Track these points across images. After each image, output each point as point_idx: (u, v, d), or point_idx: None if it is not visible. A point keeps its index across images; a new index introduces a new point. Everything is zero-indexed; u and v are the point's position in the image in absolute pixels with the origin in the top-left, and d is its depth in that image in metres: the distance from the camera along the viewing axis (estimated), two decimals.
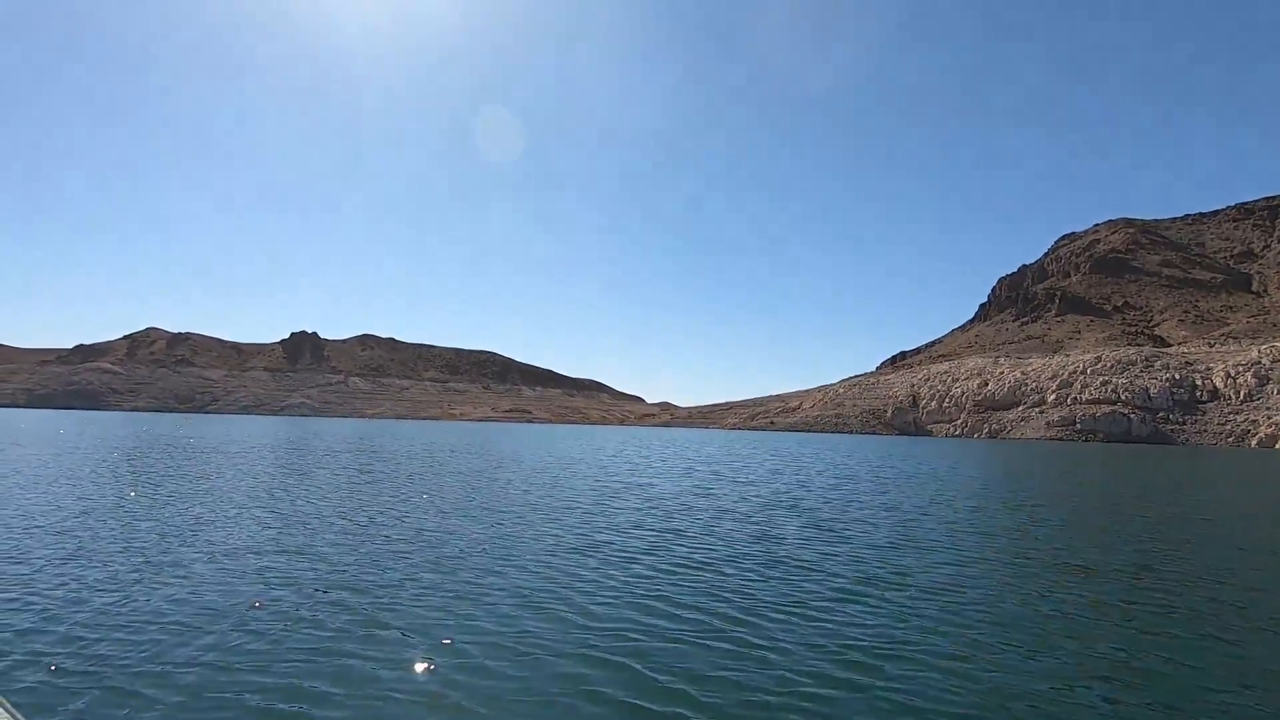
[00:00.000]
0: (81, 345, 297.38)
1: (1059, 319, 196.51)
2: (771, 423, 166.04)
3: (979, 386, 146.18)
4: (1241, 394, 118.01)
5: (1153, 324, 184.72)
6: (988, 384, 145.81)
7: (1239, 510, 21.90)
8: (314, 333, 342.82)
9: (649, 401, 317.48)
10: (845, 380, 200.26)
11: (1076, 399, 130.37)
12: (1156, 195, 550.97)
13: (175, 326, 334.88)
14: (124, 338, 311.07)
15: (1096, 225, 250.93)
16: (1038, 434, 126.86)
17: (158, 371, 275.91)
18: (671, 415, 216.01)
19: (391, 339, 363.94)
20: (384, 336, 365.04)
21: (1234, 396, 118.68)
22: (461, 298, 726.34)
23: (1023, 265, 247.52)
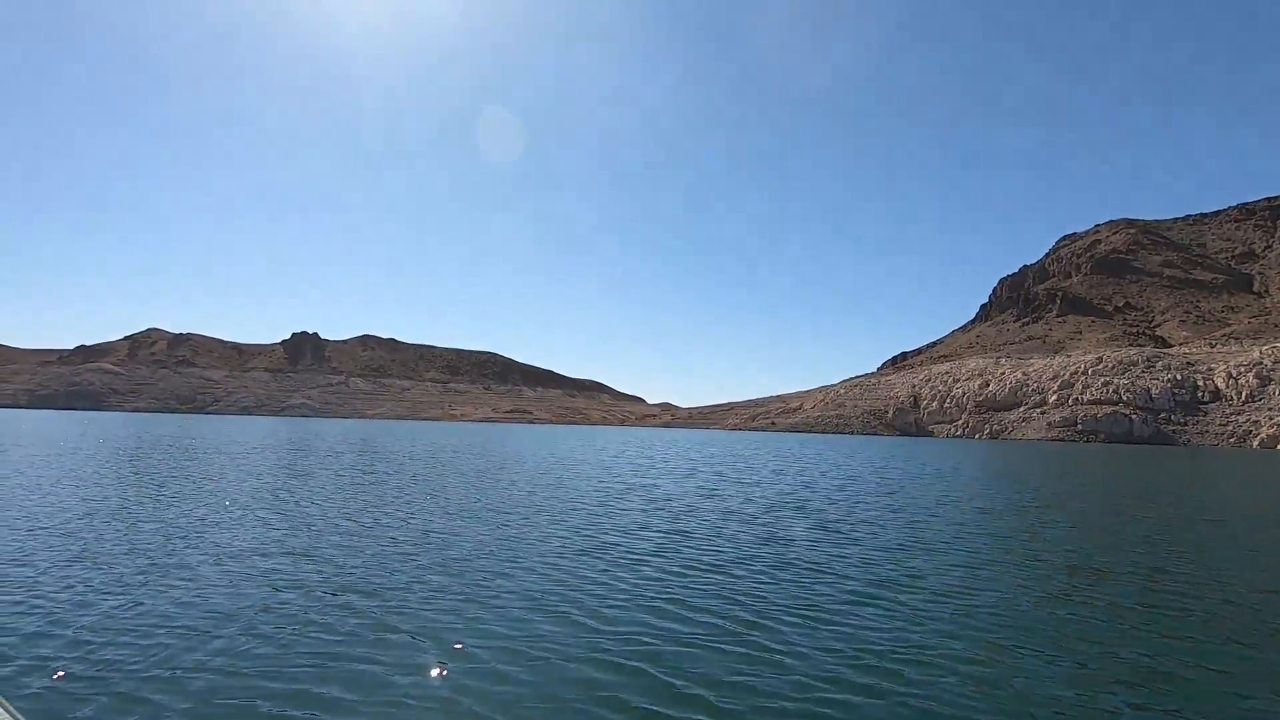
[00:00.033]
0: (83, 346, 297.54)
1: (1060, 319, 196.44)
2: (772, 423, 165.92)
3: (980, 387, 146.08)
4: (1243, 395, 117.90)
5: (1154, 324, 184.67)
6: (989, 385, 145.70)
7: (1244, 511, 21.78)
8: (315, 333, 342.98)
9: (650, 402, 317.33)
10: (846, 381, 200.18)
11: (1078, 400, 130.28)
12: (1157, 196, 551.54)
13: (176, 327, 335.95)
14: (125, 338, 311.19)
15: (1097, 225, 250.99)
16: (1039, 435, 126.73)
17: (159, 372, 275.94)
18: (672, 416, 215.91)
19: (392, 339, 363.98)
20: (385, 337, 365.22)
21: (1235, 397, 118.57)
22: (462, 298, 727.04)
23: (1024, 266, 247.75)
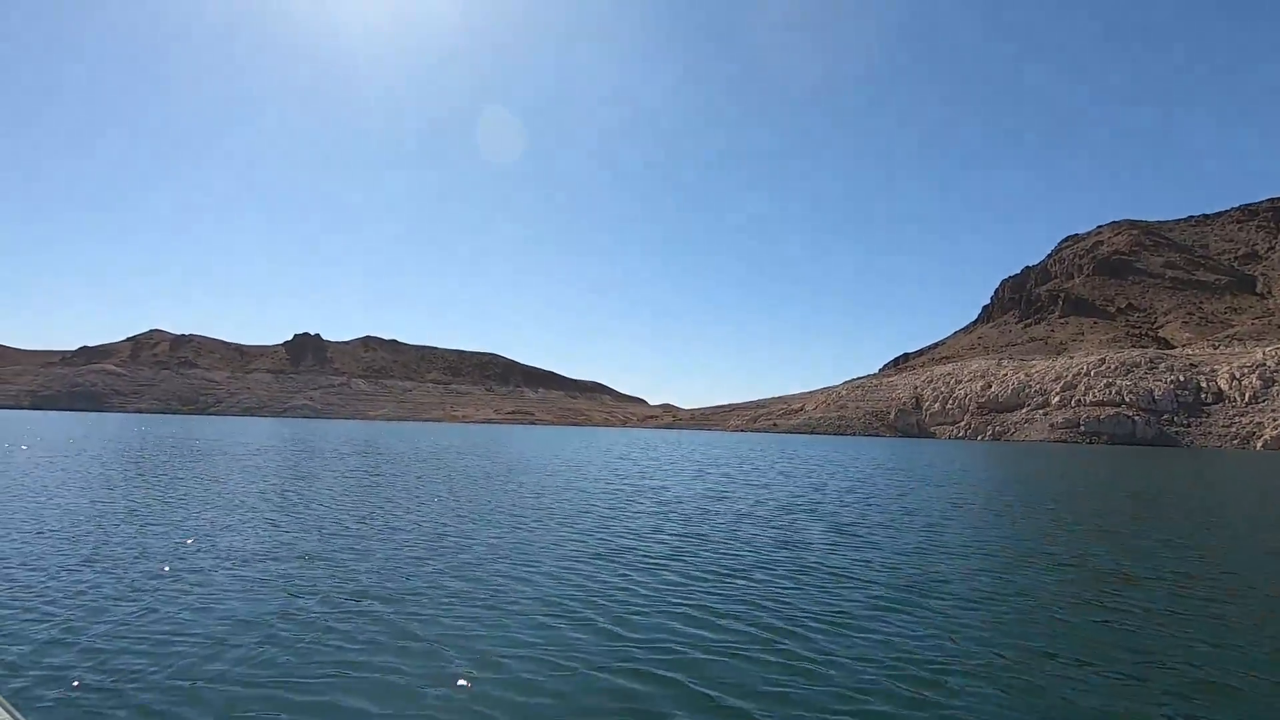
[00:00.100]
0: (85, 347, 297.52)
1: (1062, 321, 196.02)
2: (774, 424, 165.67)
3: (982, 388, 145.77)
4: (1246, 396, 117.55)
5: (1156, 326, 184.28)
6: (991, 386, 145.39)
7: (1257, 514, 21.59)
8: (317, 334, 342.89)
9: (651, 403, 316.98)
10: (848, 382, 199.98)
11: (1080, 401, 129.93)
12: (1160, 196, 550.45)
13: (178, 328, 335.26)
14: (127, 339, 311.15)
15: (1100, 227, 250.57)
16: (1041, 436, 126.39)
17: (161, 373, 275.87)
18: (674, 417, 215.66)
19: (394, 340, 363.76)
20: (386, 338, 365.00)
21: (1239, 398, 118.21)
22: (464, 299, 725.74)
23: (1026, 267, 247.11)
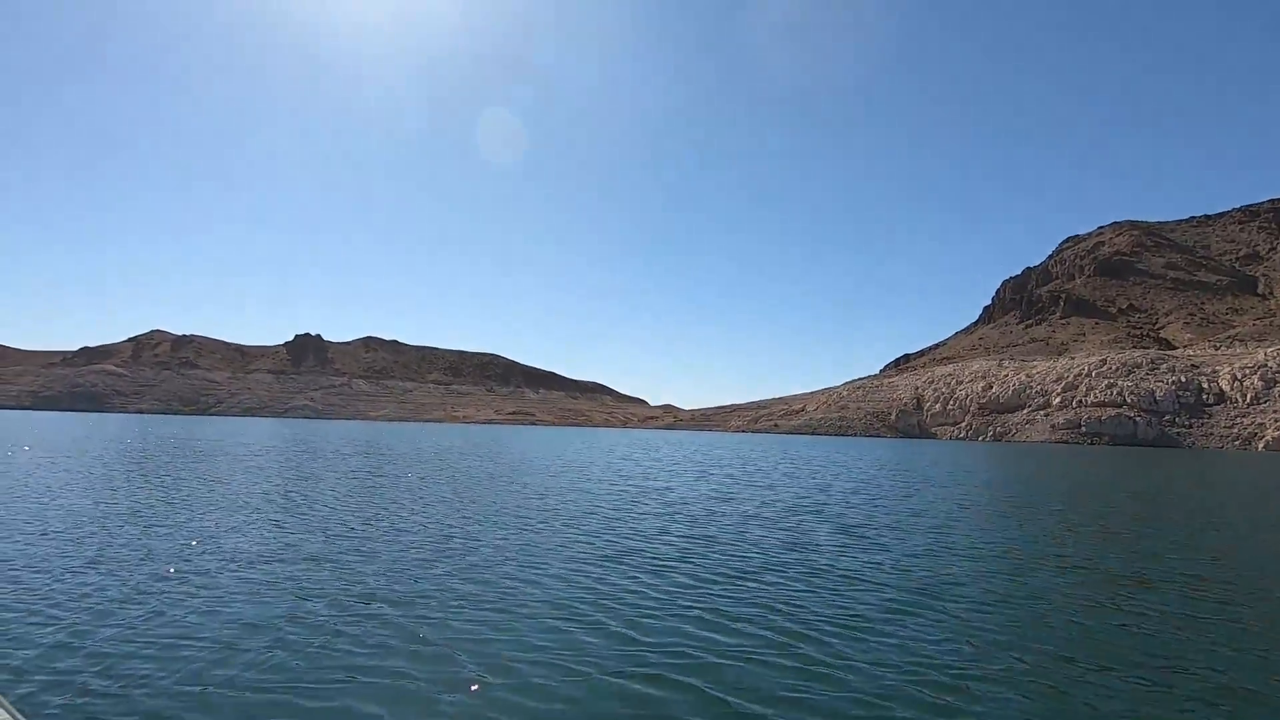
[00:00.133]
0: (86, 347, 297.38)
1: (1063, 321, 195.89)
2: (775, 425, 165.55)
3: (983, 389, 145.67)
4: (1248, 397, 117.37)
5: (1158, 326, 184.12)
6: (992, 387, 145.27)
7: (1263, 515, 21.47)
8: (317, 335, 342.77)
9: (652, 404, 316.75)
10: (849, 383, 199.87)
11: (1082, 402, 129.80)
12: (1161, 197, 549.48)
13: (179, 329, 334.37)
14: (129, 340, 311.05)
15: (1101, 227, 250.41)
16: (1042, 437, 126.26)
17: (162, 374, 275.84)
18: (675, 418, 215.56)
19: (395, 341, 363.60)
20: (387, 339, 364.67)
21: (1240, 399, 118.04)
22: (465, 300, 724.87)
23: (1027, 268, 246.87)
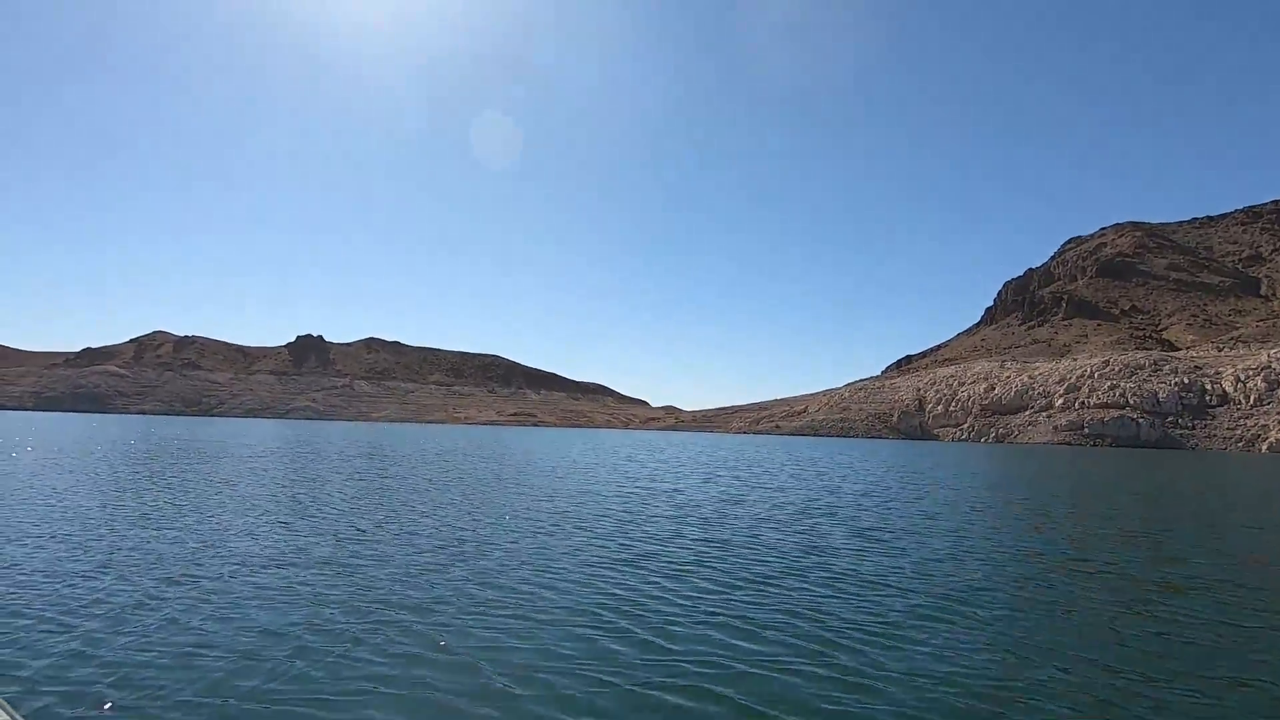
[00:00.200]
0: (89, 348, 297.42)
1: (1065, 323, 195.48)
2: (777, 426, 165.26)
3: (985, 390, 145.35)
4: (1251, 398, 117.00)
5: (1160, 328, 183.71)
6: (994, 388, 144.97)
7: (1277, 519, 21.27)
8: (319, 336, 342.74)
9: (653, 405, 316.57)
10: (851, 384, 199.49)
11: (1084, 403, 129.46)
12: (1163, 198, 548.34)
13: (181, 329, 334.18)
14: (131, 341, 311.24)
15: (1103, 228, 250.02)
16: (1045, 438, 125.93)
17: (164, 375, 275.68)
18: (677, 419, 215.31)
19: (397, 342, 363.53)
20: (389, 340, 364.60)
21: (1244, 401, 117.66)
22: (466, 301, 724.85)
23: (1029, 269, 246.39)
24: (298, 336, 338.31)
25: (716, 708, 5.49)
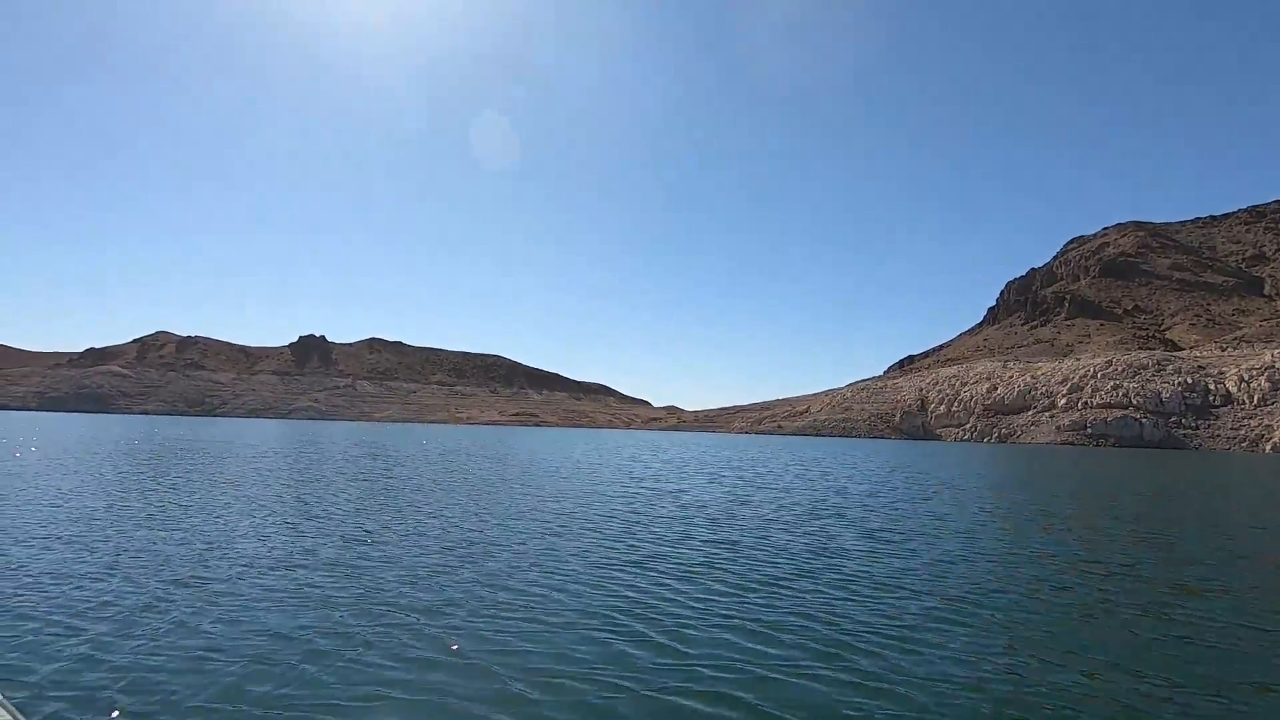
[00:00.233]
0: (92, 349, 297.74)
1: (1068, 322, 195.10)
2: (779, 426, 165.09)
3: (988, 390, 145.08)
4: (1255, 398, 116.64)
5: (1163, 328, 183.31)
6: (997, 388, 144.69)
7: None
8: (322, 336, 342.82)
9: (655, 405, 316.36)
10: (853, 384, 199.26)
11: (1087, 403, 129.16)
12: (1166, 198, 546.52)
13: (183, 329, 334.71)
14: (134, 341, 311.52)
15: (1106, 228, 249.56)
16: (1048, 438, 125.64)
17: (167, 375, 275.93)
18: (679, 419, 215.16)
19: (399, 342, 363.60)
20: (391, 340, 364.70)
21: (1248, 401, 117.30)
22: (469, 302, 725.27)
23: (1031, 269, 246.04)
24: (300, 337, 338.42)
25: (735, 713, 5.40)
